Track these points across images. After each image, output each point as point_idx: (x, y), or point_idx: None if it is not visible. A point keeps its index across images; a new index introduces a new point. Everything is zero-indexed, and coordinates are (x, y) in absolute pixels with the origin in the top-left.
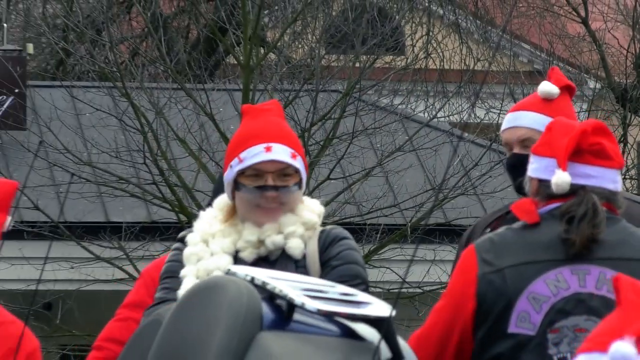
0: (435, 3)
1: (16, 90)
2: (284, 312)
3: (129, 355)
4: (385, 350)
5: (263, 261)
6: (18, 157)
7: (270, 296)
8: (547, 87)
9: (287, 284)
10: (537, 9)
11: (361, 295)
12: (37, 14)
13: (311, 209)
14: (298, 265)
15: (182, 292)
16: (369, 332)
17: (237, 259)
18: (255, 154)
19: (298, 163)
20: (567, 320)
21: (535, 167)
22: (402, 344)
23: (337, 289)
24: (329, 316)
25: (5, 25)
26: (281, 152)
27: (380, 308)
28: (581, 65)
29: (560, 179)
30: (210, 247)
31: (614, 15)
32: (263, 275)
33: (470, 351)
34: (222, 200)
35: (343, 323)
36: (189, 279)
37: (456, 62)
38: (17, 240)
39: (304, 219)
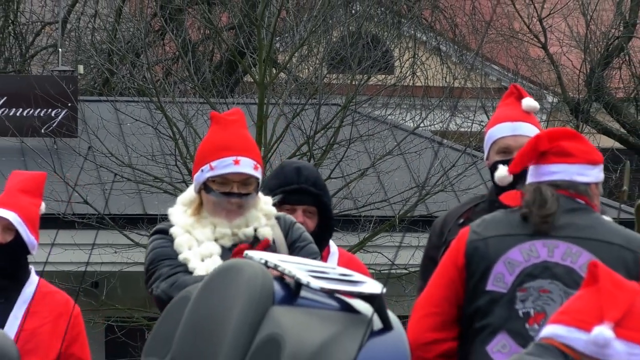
0: (419, 31)
1: (69, 104)
2: (292, 290)
3: (162, 325)
4: (377, 322)
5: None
6: (70, 160)
7: (281, 276)
8: (532, 103)
9: (295, 266)
10: (505, 35)
11: (356, 276)
12: (87, 41)
13: (266, 202)
14: (270, 248)
15: (197, 270)
16: (363, 307)
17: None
18: (225, 165)
19: (258, 173)
20: (534, 282)
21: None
22: (392, 316)
23: (337, 271)
24: (330, 293)
25: (60, 50)
26: (247, 166)
27: (373, 286)
28: (541, 83)
29: (501, 174)
30: (195, 236)
31: (568, 41)
32: (275, 259)
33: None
34: (186, 196)
35: (342, 299)
36: (194, 262)
37: (437, 80)
38: (70, 229)
39: (265, 211)
